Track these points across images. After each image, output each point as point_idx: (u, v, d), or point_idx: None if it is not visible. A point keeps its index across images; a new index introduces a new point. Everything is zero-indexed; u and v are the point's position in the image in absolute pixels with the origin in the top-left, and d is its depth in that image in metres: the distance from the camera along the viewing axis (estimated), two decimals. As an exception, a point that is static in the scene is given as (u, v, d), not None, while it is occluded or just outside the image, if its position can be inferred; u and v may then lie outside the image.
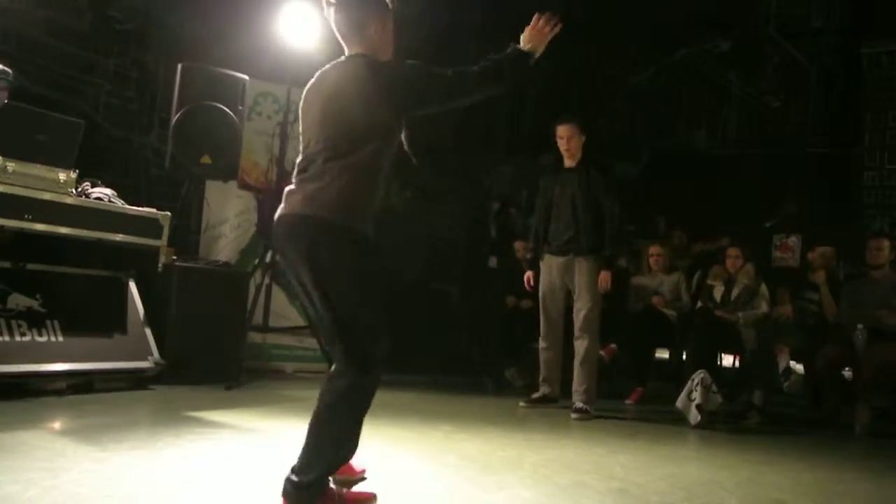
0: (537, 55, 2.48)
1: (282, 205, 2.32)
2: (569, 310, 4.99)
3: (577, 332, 4.83)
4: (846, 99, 9.00)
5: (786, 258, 7.34)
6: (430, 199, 7.55)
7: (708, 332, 5.47)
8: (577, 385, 4.74)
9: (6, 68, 4.19)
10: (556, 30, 2.49)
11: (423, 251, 7.14)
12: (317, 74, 2.42)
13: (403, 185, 7.40)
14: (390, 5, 2.46)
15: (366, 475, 2.58)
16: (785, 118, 9.54)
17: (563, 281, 4.91)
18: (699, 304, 5.89)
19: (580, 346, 4.80)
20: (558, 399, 5.00)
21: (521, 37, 2.48)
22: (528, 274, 5.10)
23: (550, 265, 4.95)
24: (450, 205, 7.77)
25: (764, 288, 5.76)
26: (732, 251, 5.91)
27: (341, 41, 2.43)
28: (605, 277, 4.77)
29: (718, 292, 5.87)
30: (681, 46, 8.88)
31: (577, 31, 8.39)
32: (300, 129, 2.43)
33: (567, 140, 4.88)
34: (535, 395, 5.03)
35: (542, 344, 5.05)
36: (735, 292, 5.79)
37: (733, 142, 9.46)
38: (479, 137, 8.38)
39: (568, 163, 4.95)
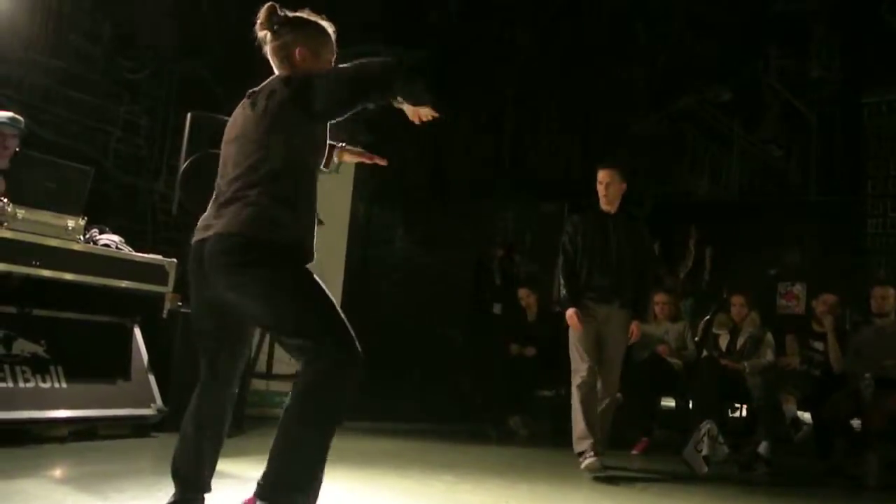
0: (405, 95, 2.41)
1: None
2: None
3: (608, 387, 4.60)
4: (848, 147, 9.09)
5: (791, 306, 7.34)
6: (434, 244, 7.58)
7: (713, 381, 5.44)
8: (602, 434, 4.62)
9: (19, 116, 4.26)
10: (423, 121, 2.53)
11: (426, 297, 7.15)
12: (239, 108, 2.45)
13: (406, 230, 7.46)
14: (330, 35, 2.48)
15: None
16: (787, 166, 9.61)
17: (600, 329, 4.62)
18: (704, 352, 5.87)
19: (611, 401, 4.64)
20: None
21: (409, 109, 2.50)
22: (573, 311, 4.58)
23: (589, 311, 4.60)
24: (453, 250, 7.79)
25: (769, 336, 5.75)
26: (737, 299, 5.92)
27: (275, 69, 2.46)
28: (637, 327, 4.60)
29: (724, 341, 5.87)
30: (682, 95, 9.00)
31: (580, 79, 8.55)
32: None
33: (606, 186, 4.65)
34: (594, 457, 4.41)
35: (582, 389, 4.51)
36: (740, 341, 5.78)
37: (736, 189, 9.52)
38: (483, 182, 8.46)
39: (606, 208, 4.71)
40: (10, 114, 4.35)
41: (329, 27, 2.49)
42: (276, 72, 2.45)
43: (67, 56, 5.47)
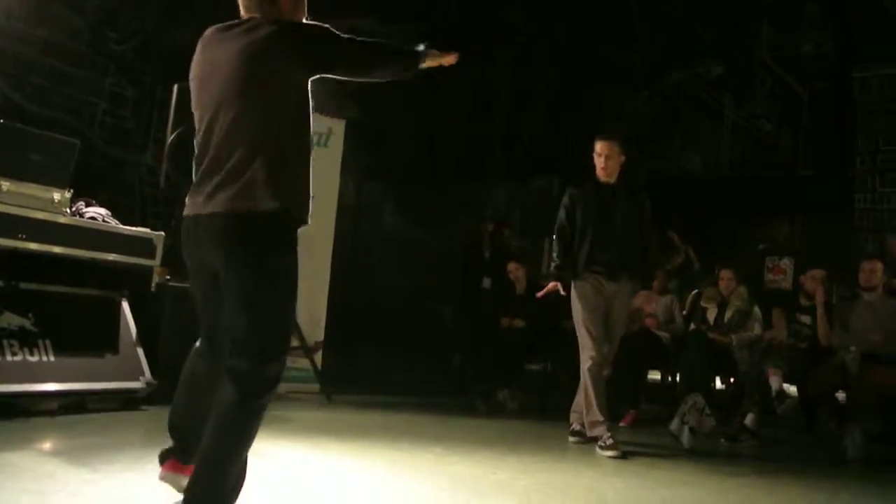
0: (425, 64, 2.51)
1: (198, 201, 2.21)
2: None
3: (609, 360, 4.56)
4: (837, 122, 9.10)
5: (778, 280, 7.39)
6: (424, 219, 7.57)
7: (701, 354, 5.47)
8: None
9: None
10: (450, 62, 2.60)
11: (417, 271, 7.15)
12: (208, 43, 2.29)
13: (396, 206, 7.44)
14: None
15: None
16: (777, 141, 9.63)
17: (606, 304, 4.58)
18: (692, 326, 5.91)
19: (608, 374, 4.57)
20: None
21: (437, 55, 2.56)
22: (555, 284, 4.64)
23: (598, 286, 4.53)
24: (444, 226, 7.79)
25: (757, 310, 5.79)
26: (725, 273, 5.94)
27: (242, 10, 2.30)
28: (641, 298, 4.67)
29: (711, 314, 5.90)
30: (674, 71, 8.97)
31: (572, 55, 8.50)
32: (195, 109, 2.29)
33: (605, 158, 4.56)
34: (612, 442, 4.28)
35: (597, 366, 4.44)
36: (728, 314, 5.81)
37: (727, 165, 9.54)
38: (474, 161, 8.43)
39: (605, 180, 4.61)
40: None
41: None
42: (245, 12, 2.28)
43: (51, 26, 5.38)
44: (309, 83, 2.26)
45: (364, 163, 7.24)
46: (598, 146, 4.60)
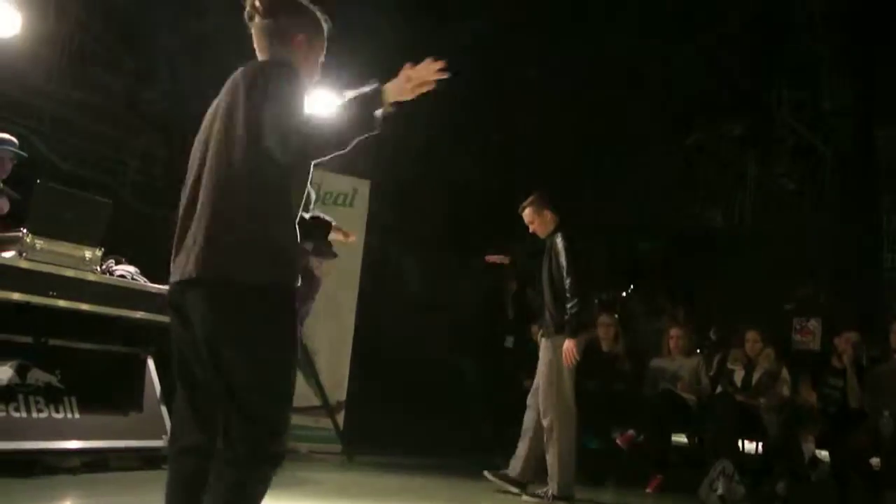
0: (385, 110, 2.08)
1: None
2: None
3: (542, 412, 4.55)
4: (861, 181, 9.06)
5: (806, 342, 7.26)
6: (447, 277, 7.58)
7: (729, 417, 5.37)
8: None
9: (11, 137, 4.33)
10: (430, 86, 2.08)
11: (440, 330, 7.14)
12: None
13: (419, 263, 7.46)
14: (324, 27, 2.24)
15: None
16: (800, 200, 9.59)
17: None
18: (719, 388, 5.81)
19: (546, 424, 4.53)
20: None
21: (394, 80, 2.08)
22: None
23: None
24: (467, 284, 7.80)
25: (785, 372, 5.69)
26: (751, 334, 5.87)
27: (258, 52, 2.21)
28: (568, 347, 4.42)
29: (739, 376, 5.80)
30: (695, 130, 9.03)
31: (593, 113, 8.59)
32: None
33: (531, 222, 4.82)
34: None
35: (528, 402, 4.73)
36: (756, 376, 5.72)
37: (749, 222, 9.50)
38: (497, 219, 8.46)
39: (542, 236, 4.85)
40: (7, 136, 4.43)
41: (326, 25, 2.26)
42: (259, 54, 2.20)
43: (88, 88, 5.55)
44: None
45: (388, 221, 7.30)
46: (523, 216, 4.83)
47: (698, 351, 6.44)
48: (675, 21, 7.63)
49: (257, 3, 2.17)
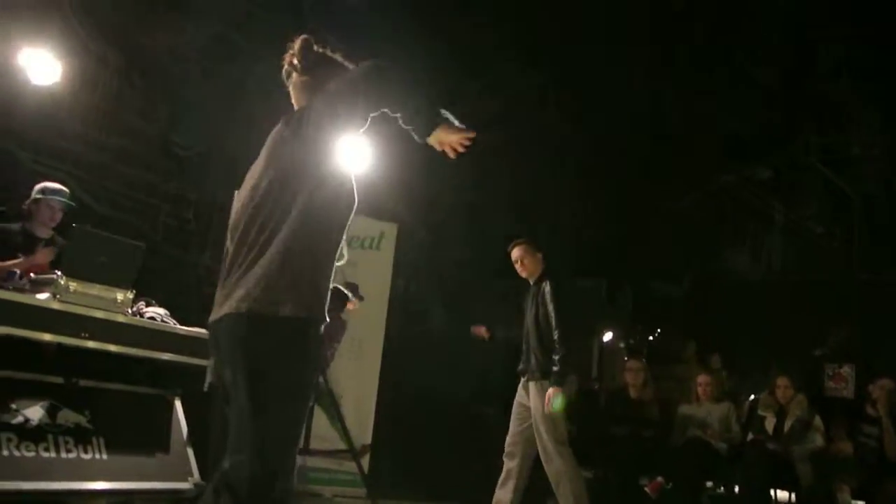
0: (437, 131, 2.17)
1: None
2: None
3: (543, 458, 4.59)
4: (892, 224, 8.95)
5: (839, 388, 7.12)
6: (472, 320, 7.57)
7: (761, 466, 5.26)
8: None
9: (62, 187, 4.46)
10: (452, 152, 2.23)
11: (466, 372, 7.10)
12: None
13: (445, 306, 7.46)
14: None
15: None
16: (830, 244, 9.47)
17: (524, 402, 4.77)
18: (750, 435, 5.70)
19: (551, 470, 4.58)
20: None
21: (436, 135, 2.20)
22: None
23: (520, 385, 4.84)
24: (493, 326, 7.76)
25: (818, 420, 5.58)
26: (782, 381, 5.78)
27: (295, 105, 2.30)
28: (549, 395, 4.47)
29: (770, 424, 5.70)
30: (722, 173, 9.01)
31: (617, 157, 8.62)
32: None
33: (520, 261, 4.84)
34: None
35: (507, 449, 4.79)
36: (788, 424, 5.61)
37: (777, 267, 9.40)
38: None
39: (530, 283, 4.90)
40: (58, 185, 4.56)
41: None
42: (297, 106, 2.29)
43: (123, 133, 5.70)
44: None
45: (413, 263, 7.34)
46: (512, 253, 4.87)
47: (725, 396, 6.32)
48: (702, 65, 7.67)
49: (295, 62, 2.27)
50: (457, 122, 2.20)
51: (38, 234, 4.51)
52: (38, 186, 4.56)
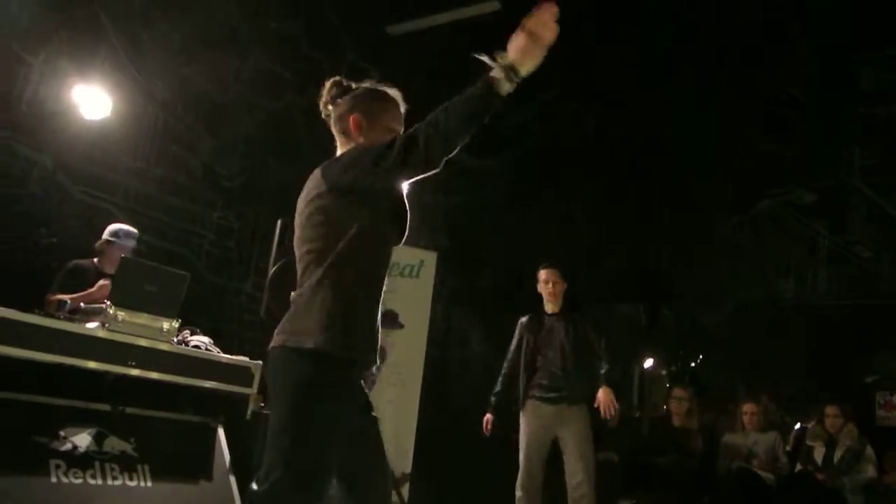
0: (517, 77, 1.88)
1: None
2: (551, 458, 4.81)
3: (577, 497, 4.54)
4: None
5: (891, 417, 6.91)
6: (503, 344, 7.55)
7: (810, 497, 5.12)
8: None
9: (134, 230, 4.70)
10: (553, 33, 1.86)
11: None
12: None
13: (484, 333, 7.44)
14: (394, 101, 2.29)
15: None
16: (878, 268, 9.25)
17: (551, 430, 4.72)
18: (799, 466, 5.56)
19: (582, 491, 4.52)
20: None
21: (511, 41, 1.88)
22: (488, 417, 4.95)
23: (538, 412, 4.75)
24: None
25: (870, 450, 5.42)
26: (831, 409, 5.64)
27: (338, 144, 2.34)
28: (604, 394, 4.61)
29: (819, 454, 5.55)
30: (763, 198, 8.89)
31: (658, 181, 8.56)
32: None
33: (553, 284, 4.90)
34: None
35: (518, 493, 4.76)
36: (838, 454, 5.47)
37: (823, 293, 9.19)
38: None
39: (551, 308, 4.94)
40: (130, 228, 4.73)
41: (395, 94, 2.30)
42: (338, 149, 2.32)
43: (168, 164, 5.84)
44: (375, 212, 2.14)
45: (452, 289, 7.34)
46: (545, 273, 4.93)
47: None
48: (741, 87, 7.61)
49: (324, 99, 2.34)
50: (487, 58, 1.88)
51: (108, 270, 4.65)
52: (110, 228, 4.76)
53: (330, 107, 2.32)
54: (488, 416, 4.94)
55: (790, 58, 7.05)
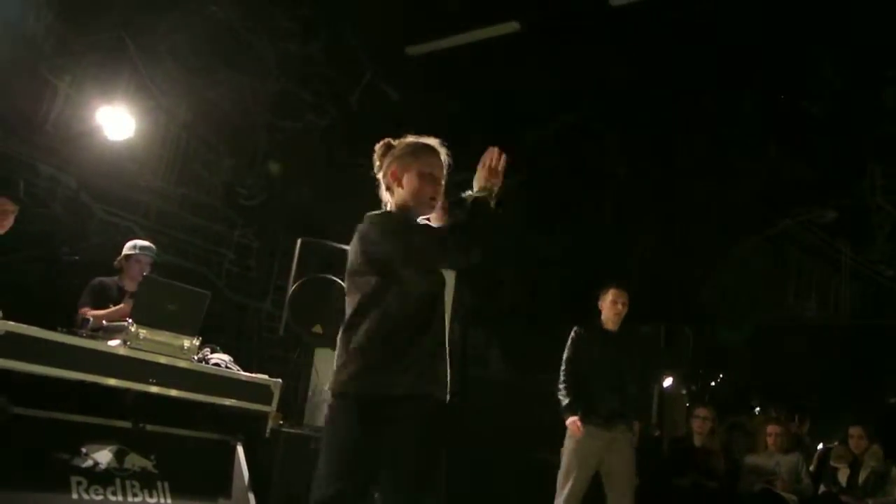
0: (494, 196, 2.37)
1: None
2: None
3: None
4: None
5: (918, 439, 6.77)
6: (531, 365, 7.51)
7: (835, 521, 5.04)
8: None
9: (150, 244, 4.67)
10: (503, 164, 2.38)
11: (524, 417, 7.02)
12: None
13: (503, 352, 7.42)
14: (431, 148, 2.43)
15: None
16: (900, 286, 9.12)
17: (601, 454, 4.66)
18: (822, 488, 5.47)
19: None
20: None
21: (475, 179, 2.39)
22: (574, 419, 4.73)
23: (592, 435, 4.66)
24: (550, 372, 7.69)
25: (895, 471, 5.32)
26: (855, 430, 5.56)
27: None
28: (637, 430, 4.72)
29: (843, 475, 5.47)
30: (784, 217, 8.82)
31: (677, 202, 8.53)
32: None
33: (622, 305, 4.97)
34: None
35: None
36: (863, 476, 5.38)
37: (846, 313, 9.07)
38: (578, 305, 8.38)
39: (611, 327, 4.96)
40: (146, 242, 4.78)
41: (433, 142, 2.45)
42: (387, 205, 2.47)
43: (190, 184, 5.91)
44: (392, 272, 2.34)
45: (469, 307, 7.34)
46: (617, 294, 5.00)
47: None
48: (763, 106, 7.59)
49: (376, 163, 2.48)
50: (474, 189, 2.36)
51: (128, 287, 4.71)
52: (129, 243, 4.83)
53: (376, 164, 2.49)
54: (574, 418, 4.74)
55: (813, 78, 7.04)
